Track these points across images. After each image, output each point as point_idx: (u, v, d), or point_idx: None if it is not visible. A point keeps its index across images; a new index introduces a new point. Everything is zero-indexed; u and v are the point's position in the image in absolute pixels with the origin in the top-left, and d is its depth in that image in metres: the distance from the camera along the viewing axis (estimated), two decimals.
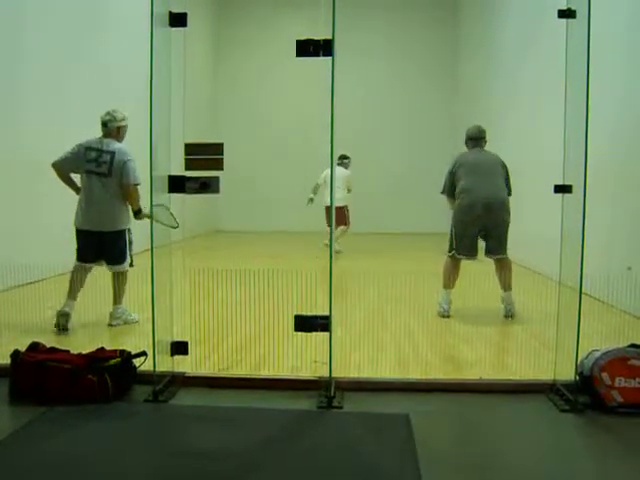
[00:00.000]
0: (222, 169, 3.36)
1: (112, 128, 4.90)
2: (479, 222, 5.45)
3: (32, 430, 2.94)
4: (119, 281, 4.97)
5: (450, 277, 5.53)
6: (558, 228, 3.50)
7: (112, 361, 3.39)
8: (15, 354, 3.41)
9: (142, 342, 3.62)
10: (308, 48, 3.21)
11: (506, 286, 5.41)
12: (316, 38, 3.22)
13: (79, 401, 3.21)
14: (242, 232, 12.49)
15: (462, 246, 5.53)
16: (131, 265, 5.00)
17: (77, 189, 4.97)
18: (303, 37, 3.20)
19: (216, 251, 10.26)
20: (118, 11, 9.00)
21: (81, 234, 4.90)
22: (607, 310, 5.25)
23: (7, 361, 3.42)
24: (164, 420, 3.20)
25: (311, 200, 9.88)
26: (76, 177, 5.01)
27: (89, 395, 3.24)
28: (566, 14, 3.37)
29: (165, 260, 3.57)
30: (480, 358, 4.13)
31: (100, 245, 4.89)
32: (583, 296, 3.30)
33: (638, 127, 5.63)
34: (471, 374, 3.81)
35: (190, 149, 3.40)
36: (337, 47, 3.19)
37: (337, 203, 9.51)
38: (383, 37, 14.36)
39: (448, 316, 5.40)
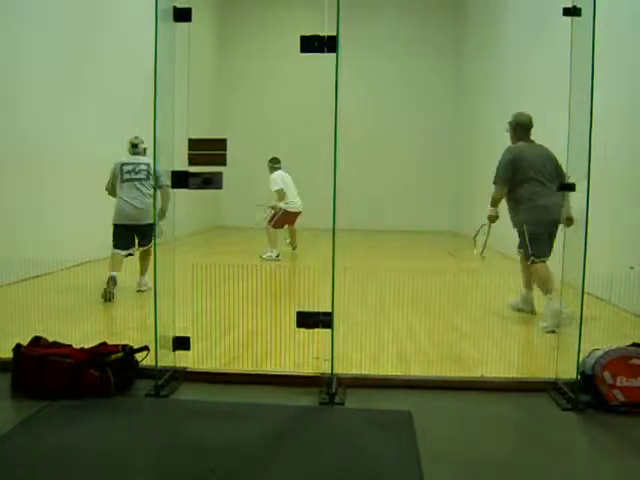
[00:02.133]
0: (225, 164, 3.37)
1: (141, 148, 6.31)
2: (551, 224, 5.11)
3: (34, 424, 2.94)
4: (146, 256, 6.22)
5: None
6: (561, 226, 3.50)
7: (114, 355, 3.40)
8: (17, 348, 3.41)
9: (144, 337, 3.63)
10: (312, 44, 3.21)
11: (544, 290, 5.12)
12: (321, 34, 3.21)
13: (81, 395, 3.22)
14: (244, 228, 12.47)
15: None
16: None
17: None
18: (308, 33, 3.20)
19: (218, 247, 10.27)
20: (123, 5, 9.00)
21: (121, 227, 6.14)
22: (609, 309, 5.25)
23: (9, 355, 3.43)
24: (165, 415, 3.21)
25: (278, 209, 9.51)
26: None
27: (91, 389, 3.25)
28: (571, 12, 3.36)
29: (168, 255, 3.57)
30: (482, 355, 4.12)
31: (136, 233, 6.16)
32: (585, 295, 3.30)
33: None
34: (473, 371, 3.81)
35: (194, 145, 3.40)
36: (342, 44, 3.19)
37: (300, 208, 9.65)
38: (387, 34, 14.38)
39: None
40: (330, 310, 3.40)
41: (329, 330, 3.40)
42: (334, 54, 3.21)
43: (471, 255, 7.14)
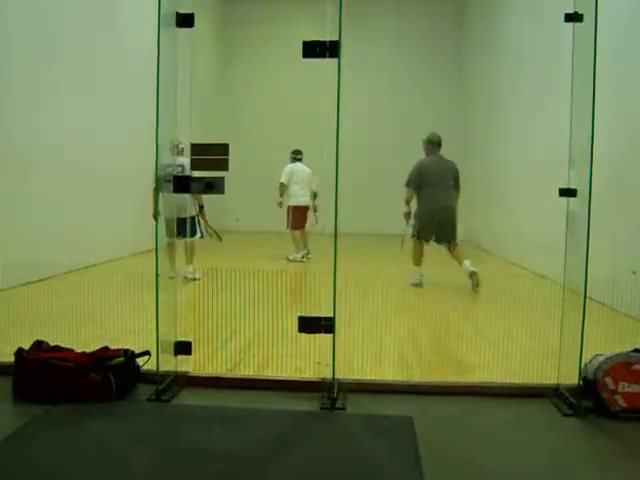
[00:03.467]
0: (227, 169, 3.37)
1: (178, 149, 6.53)
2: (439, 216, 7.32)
3: (35, 428, 2.94)
4: (191, 248, 7.34)
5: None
6: (563, 230, 3.50)
7: (115, 360, 3.39)
8: (19, 352, 3.41)
9: (146, 341, 3.63)
10: (314, 49, 3.22)
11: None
12: (322, 40, 3.22)
13: (82, 400, 3.22)
14: (245, 232, 12.49)
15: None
16: (202, 237, 7.53)
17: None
18: (310, 38, 3.21)
19: (219, 251, 10.25)
20: (126, 10, 9.04)
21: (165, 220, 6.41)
22: (611, 314, 5.24)
23: (11, 359, 3.43)
24: (167, 419, 3.21)
25: (280, 204, 9.60)
26: None
27: (92, 394, 3.25)
28: (572, 18, 3.37)
29: (170, 260, 3.57)
30: (483, 361, 4.12)
31: (179, 227, 6.15)
32: (587, 300, 3.29)
33: None
34: (474, 377, 3.80)
35: (196, 149, 3.41)
36: (343, 49, 3.20)
37: (304, 202, 9.50)
38: (388, 34, 14.41)
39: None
40: (332, 315, 3.39)
41: (330, 335, 3.40)
42: (336, 59, 3.22)
43: (471, 259, 7.15)
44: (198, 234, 7.43)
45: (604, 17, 3.19)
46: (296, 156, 9.62)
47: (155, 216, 6.00)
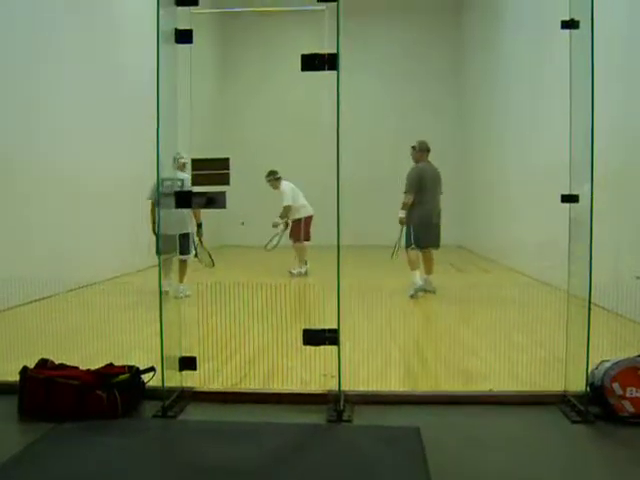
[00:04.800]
0: (229, 184, 3.38)
1: (179, 163, 6.56)
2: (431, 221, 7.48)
3: (41, 447, 2.93)
4: (182, 267, 6.98)
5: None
6: (566, 236, 3.50)
7: (121, 377, 3.38)
8: (24, 371, 3.41)
9: (150, 357, 3.62)
10: (313, 62, 3.23)
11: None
12: (321, 52, 3.24)
13: (88, 417, 3.21)
14: (246, 247, 12.48)
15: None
16: (196, 256, 7.24)
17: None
18: (308, 52, 3.23)
19: (222, 264, 10.25)
20: (127, 26, 9.12)
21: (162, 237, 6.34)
22: (616, 320, 5.22)
23: (16, 378, 3.42)
24: (173, 436, 3.19)
25: (277, 224, 9.58)
26: None
27: (98, 411, 3.24)
28: (569, 25, 3.38)
29: (173, 274, 3.57)
30: (490, 370, 4.10)
31: (174, 242, 6.28)
32: (592, 306, 3.28)
33: None
34: (481, 386, 3.79)
35: (197, 164, 3.42)
36: (341, 56, 3.21)
37: (308, 212, 9.58)
38: (387, 41, 14.49)
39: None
40: (336, 327, 3.39)
41: (335, 347, 3.39)
42: (335, 72, 3.23)
43: (476, 269, 7.13)
44: (192, 252, 7.24)
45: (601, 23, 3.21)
46: (276, 176, 9.67)
47: (155, 231, 6.10)
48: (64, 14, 7.58)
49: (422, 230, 7.41)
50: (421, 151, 7.58)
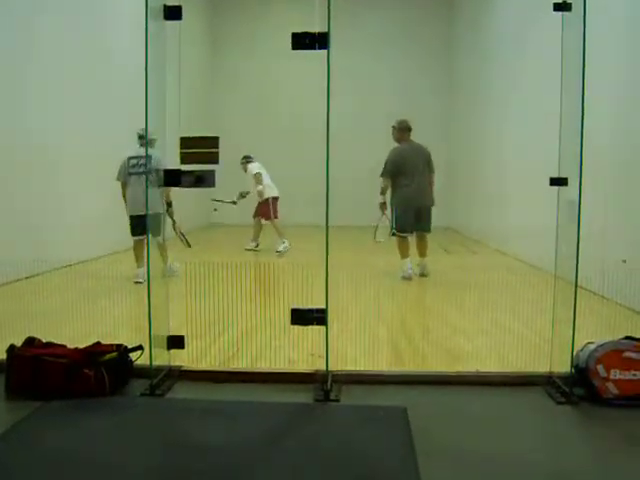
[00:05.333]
0: (218, 162, 3.36)
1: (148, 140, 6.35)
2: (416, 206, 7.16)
3: (28, 425, 2.93)
4: (160, 248, 6.50)
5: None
6: (554, 220, 3.51)
7: (108, 355, 3.38)
8: (11, 349, 3.40)
9: (138, 336, 3.62)
10: (304, 41, 3.20)
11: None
12: (311, 31, 3.21)
13: (75, 395, 3.21)
14: (236, 225, 12.45)
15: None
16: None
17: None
18: (299, 30, 3.20)
19: (211, 244, 10.25)
20: (114, 4, 8.98)
21: (131, 218, 6.73)
22: (602, 303, 5.27)
23: (3, 356, 3.41)
24: (161, 414, 3.20)
25: (240, 196, 9.94)
26: None
27: (86, 389, 3.24)
28: (561, 7, 3.37)
29: (161, 253, 3.56)
30: (476, 350, 4.14)
31: (144, 224, 6.04)
32: (578, 289, 3.31)
33: (633, 118, 5.64)
34: (467, 366, 3.82)
35: (186, 143, 3.39)
36: (333, 43, 3.19)
37: (274, 193, 9.70)
38: (378, 29, 14.37)
39: None
40: (324, 307, 3.39)
41: (323, 327, 3.40)
42: (325, 50, 3.20)
43: (464, 250, 7.16)
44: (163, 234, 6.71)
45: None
46: (249, 159, 9.84)
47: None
48: None
49: (403, 215, 7.13)
50: (401, 130, 7.27)
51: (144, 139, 6.43)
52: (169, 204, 6.78)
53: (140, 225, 6.54)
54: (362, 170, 13.59)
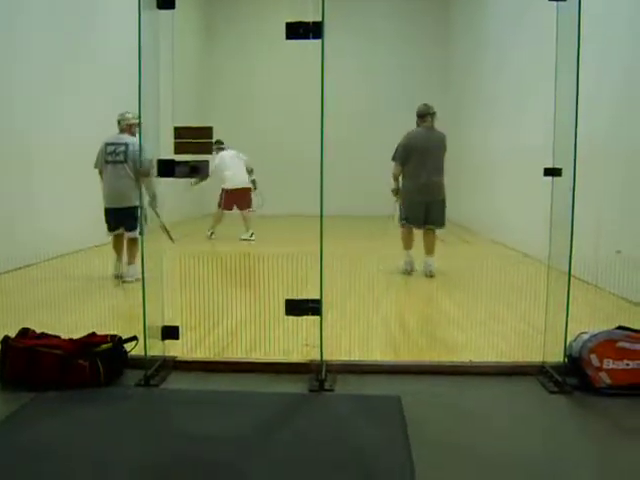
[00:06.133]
0: (211, 153, 3.35)
1: (124, 125, 6.18)
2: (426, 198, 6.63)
3: (23, 416, 2.94)
4: (132, 245, 6.12)
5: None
6: (548, 210, 3.52)
7: (103, 346, 3.38)
8: (5, 340, 3.39)
9: (133, 327, 3.62)
10: (298, 30, 3.19)
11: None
12: (305, 21, 3.19)
13: (70, 386, 3.21)
14: (229, 215, 12.45)
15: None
16: (140, 234, 5.63)
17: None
18: (293, 20, 3.18)
19: (204, 235, 10.22)
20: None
21: (106, 211, 6.20)
22: (596, 293, 5.29)
23: None
24: (156, 404, 3.20)
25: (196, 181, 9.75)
26: None
27: (80, 380, 3.24)
28: None
29: (155, 244, 3.56)
30: (470, 340, 4.15)
31: (119, 217, 6.12)
32: (572, 279, 3.32)
33: (627, 109, 5.64)
34: (461, 356, 3.83)
35: (179, 133, 3.38)
36: (329, 29, 3.18)
37: (232, 185, 9.77)
38: (374, 20, 14.32)
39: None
40: (319, 297, 3.40)
41: (318, 317, 3.41)
42: (319, 40, 3.19)
43: (456, 240, 7.17)
44: (138, 229, 5.89)
45: None
46: (220, 146, 9.77)
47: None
48: None
49: (407, 206, 6.71)
50: (419, 116, 6.76)
51: (120, 125, 6.19)
52: (153, 196, 5.76)
53: (117, 219, 6.16)
54: (358, 160, 13.65)
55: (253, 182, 10.00)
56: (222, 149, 9.82)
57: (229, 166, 9.70)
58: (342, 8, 12.22)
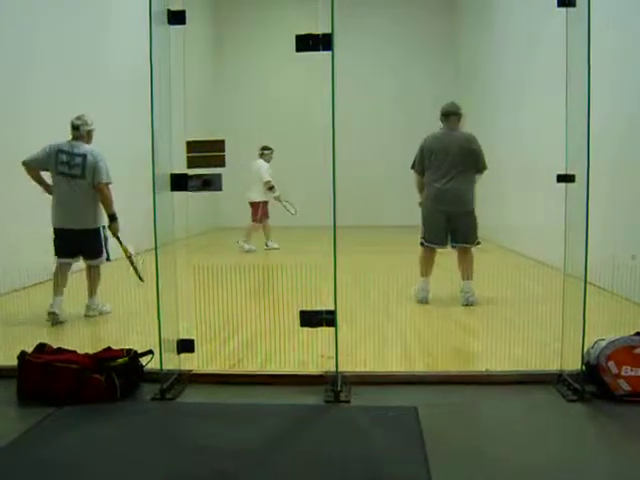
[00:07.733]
0: (224, 166, 3.36)
1: (83, 132, 5.10)
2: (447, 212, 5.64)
3: (40, 431, 2.94)
4: (93, 274, 5.23)
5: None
6: (562, 217, 3.49)
7: (119, 360, 3.39)
8: (22, 355, 3.41)
9: (148, 340, 3.63)
10: (307, 43, 3.20)
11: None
12: (315, 33, 3.21)
13: (87, 401, 3.22)
14: (243, 229, 12.48)
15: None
16: (108, 259, 5.25)
17: (48, 186, 5.16)
18: (302, 32, 3.20)
19: (219, 247, 10.27)
20: (119, 8, 8.99)
21: (57, 232, 5.11)
22: (612, 299, 5.25)
23: (14, 362, 3.42)
24: (172, 418, 3.21)
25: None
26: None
27: (97, 395, 3.25)
28: (565, 3, 3.35)
29: (169, 258, 3.57)
30: (486, 350, 4.12)
31: (76, 241, 5.09)
32: (588, 285, 3.29)
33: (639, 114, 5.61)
34: (477, 366, 3.81)
35: (192, 146, 3.39)
36: (336, 41, 3.18)
37: (258, 198, 9.98)
38: (383, 26, 14.39)
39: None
40: (333, 308, 3.39)
41: (333, 328, 3.40)
42: (329, 52, 3.20)
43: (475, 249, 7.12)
44: (104, 255, 5.21)
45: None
46: (263, 152, 10.10)
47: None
48: None
49: (425, 219, 5.78)
50: (443, 114, 5.76)
51: (78, 130, 5.07)
52: (112, 217, 5.12)
53: (74, 243, 5.08)
54: (370, 169, 13.65)
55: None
56: (262, 155, 10.06)
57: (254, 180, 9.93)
58: (348, 20, 12.26)
